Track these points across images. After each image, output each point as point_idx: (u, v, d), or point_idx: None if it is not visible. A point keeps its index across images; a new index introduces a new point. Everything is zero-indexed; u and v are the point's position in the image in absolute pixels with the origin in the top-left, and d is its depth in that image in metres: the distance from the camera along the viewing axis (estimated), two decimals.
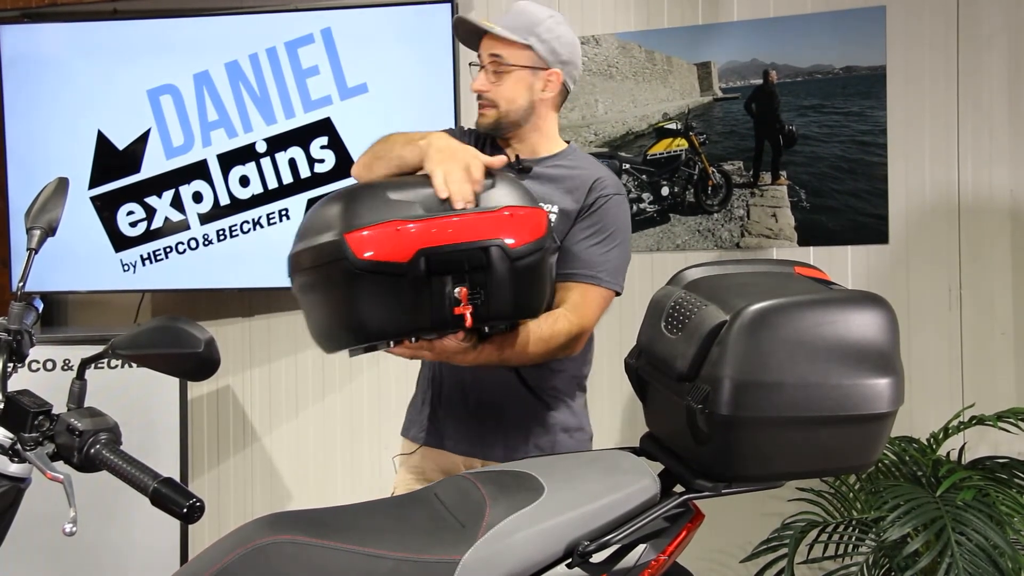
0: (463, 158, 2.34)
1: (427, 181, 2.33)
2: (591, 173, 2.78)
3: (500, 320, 2.38)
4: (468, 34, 2.82)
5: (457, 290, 2.25)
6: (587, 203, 2.73)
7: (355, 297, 2.22)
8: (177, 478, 2.07)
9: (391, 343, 2.31)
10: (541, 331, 2.55)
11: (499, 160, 2.41)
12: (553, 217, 2.68)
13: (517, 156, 2.77)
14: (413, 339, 2.31)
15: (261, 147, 4.82)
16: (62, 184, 2.27)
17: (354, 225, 2.20)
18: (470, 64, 2.85)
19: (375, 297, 2.22)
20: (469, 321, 2.25)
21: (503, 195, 2.36)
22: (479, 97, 2.79)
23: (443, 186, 2.28)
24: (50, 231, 2.18)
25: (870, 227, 4.14)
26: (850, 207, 4.17)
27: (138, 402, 4.13)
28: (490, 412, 2.82)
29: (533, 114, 2.80)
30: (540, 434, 2.81)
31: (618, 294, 2.78)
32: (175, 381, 4.24)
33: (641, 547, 2.13)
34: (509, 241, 2.28)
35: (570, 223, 2.72)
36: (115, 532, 3.96)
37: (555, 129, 2.87)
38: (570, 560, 2.06)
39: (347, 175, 4.71)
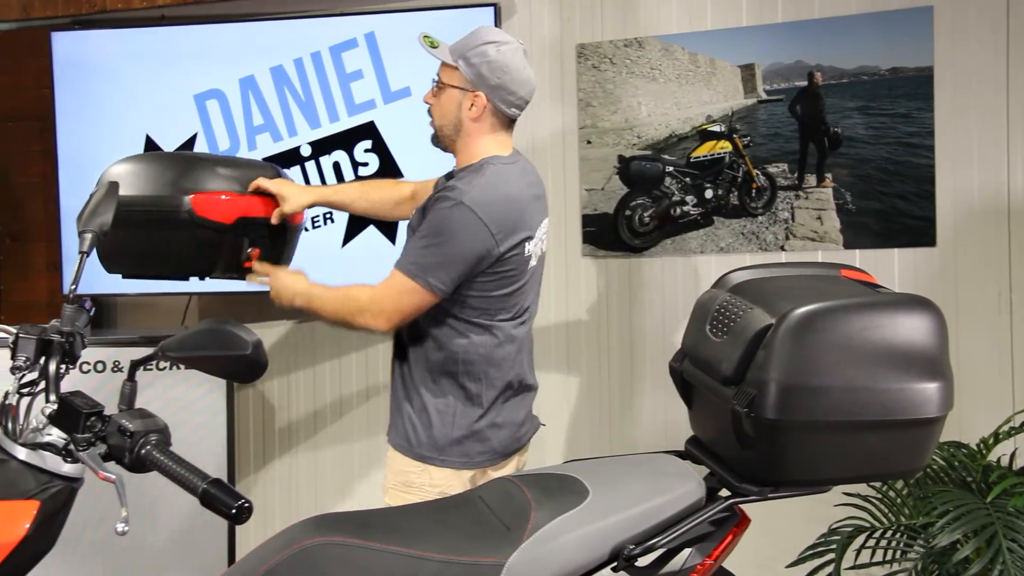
0: None
1: (246, 163, 3.26)
2: (449, 189, 2.91)
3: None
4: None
5: (251, 249, 3.18)
6: (426, 203, 2.94)
7: (182, 240, 3.06)
8: (224, 479, 2.09)
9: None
10: (339, 288, 2.95)
11: None
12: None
13: (449, 172, 3.12)
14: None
15: (306, 151, 4.84)
16: (112, 188, 2.30)
17: (195, 188, 3.05)
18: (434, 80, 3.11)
19: (198, 244, 3.09)
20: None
21: None
22: (429, 113, 3.09)
23: None
24: (101, 234, 2.21)
25: (917, 229, 4.11)
26: (897, 209, 4.14)
27: (186, 403, 4.16)
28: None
29: (461, 131, 3.03)
30: (395, 420, 3.07)
31: (436, 293, 2.86)
32: (222, 383, 4.27)
33: (687, 551, 2.12)
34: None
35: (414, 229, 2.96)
36: (163, 532, 4.00)
37: (481, 148, 3.03)
38: (615, 564, 2.06)
39: (391, 177, 4.74)
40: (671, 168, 4.50)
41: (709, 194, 4.44)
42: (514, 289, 2.96)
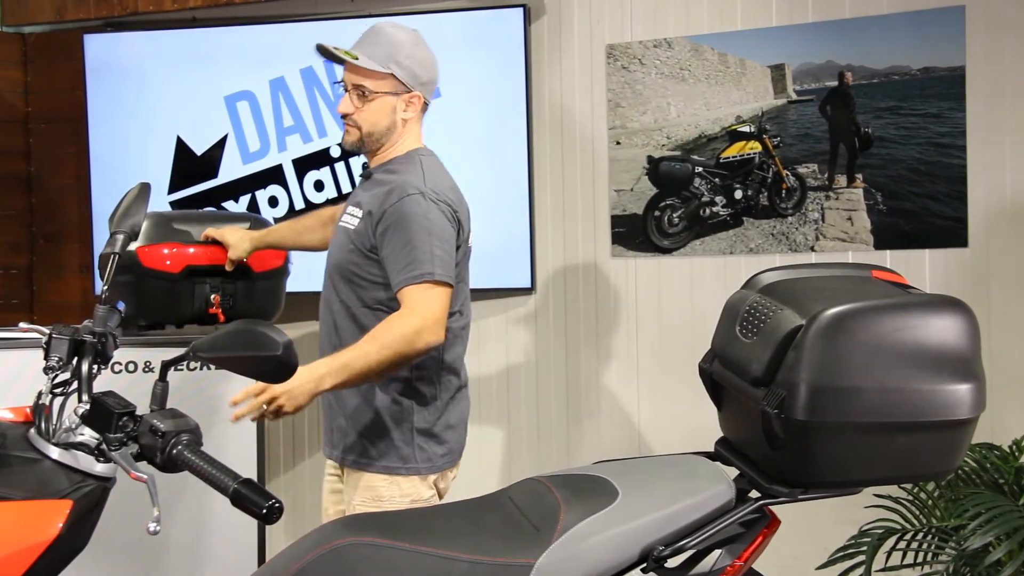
0: None
1: (216, 217, 3.73)
2: (401, 180, 2.90)
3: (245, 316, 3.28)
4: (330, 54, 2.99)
5: (213, 296, 3.62)
6: (386, 212, 2.85)
7: (140, 290, 3.58)
8: (254, 479, 2.10)
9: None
10: (370, 337, 2.72)
11: None
12: (357, 220, 2.93)
13: (365, 164, 3.10)
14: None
15: (335, 152, 4.86)
16: (144, 189, 2.31)
17: (142, 242, 3.50)
18: (334, 83, 3.11)
19: (153, 293, 3.60)
20: (221, 317, 3.68)
21: None
22: (344, 118, 2.99)
23: None
24: (133, 235, 2.22)
25: (948, 230, 4.08)
26: (928, 210, 4.12)
27: (216, 403, 4.18)
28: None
29: (394, 132, 3.01)
30: (344, 435, 3.03)
31: (451, 285, 2.85)
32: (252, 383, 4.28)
33: (716, 552, 2.12)
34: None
35: (369, 227, 2.87)
36: (194, 532, 4.01)
37: (408, 143, 3.05)
38: (645, 565, 2.06)
39: None
40: (700, 169, 4.49)
41: (739, 195, 4.43)
42: (460, 282, 2.97)
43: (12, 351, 3.67)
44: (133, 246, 2.77)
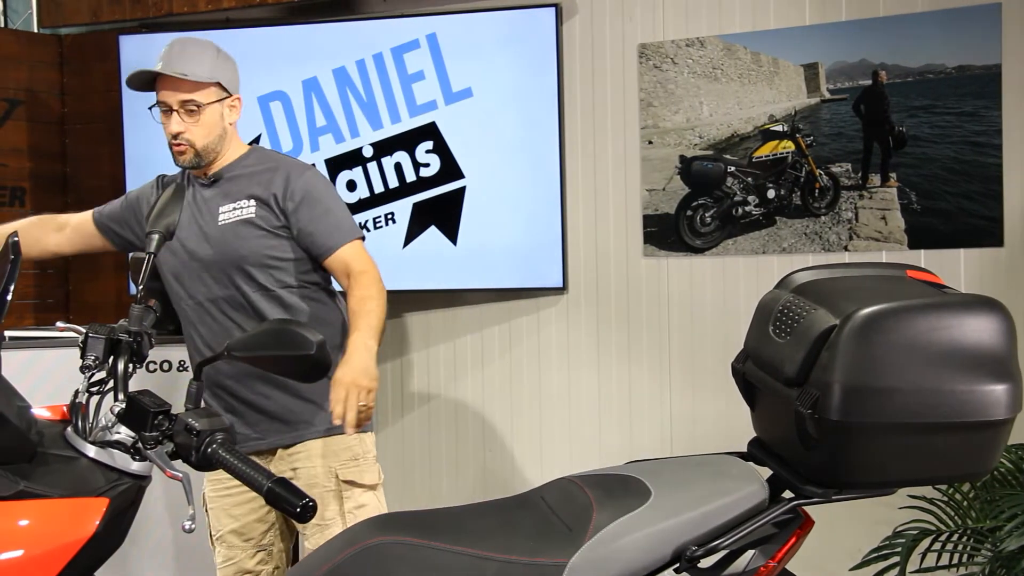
0: None
1: None
2: (278, 164, 3.06)
3: None
4: (144, 83, 3.05)
5: None
6: (289, 190, 2.97)
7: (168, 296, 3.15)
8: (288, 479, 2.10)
9: None
10: (362, 301, 2.85)
11: None
12: (249, 208, 2.98)
13: (205, 174, 3.07)
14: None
15: (368, 152, 4.88)
16: (179, 190, 2.32)
17: None
18: (151, 107, 3.07)
19: None
20: None
21: None
22: (175, 138, 2.99)
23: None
24: (168, 235, 2.23)
25: (984, 229, 4.05)
26: (963, 209, 4.09)
27: None
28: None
29: (225, 137, 3.06)
30: (296, 409, 3.04)
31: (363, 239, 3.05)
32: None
33: (750, 553, 2.11)
34: None
35: (272, 209, 2.97)
36: None
37: (238, 141, 3.15)
38: (678, 565, 2.05)
39: (451, 178, 4.76)
40: (733, 168, 4.48)
41: (771, 194, 4.41)
42: None
43: (49, 350, 3.71)
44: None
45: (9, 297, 1.70)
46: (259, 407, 2.99)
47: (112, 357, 2.04)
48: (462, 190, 4.78)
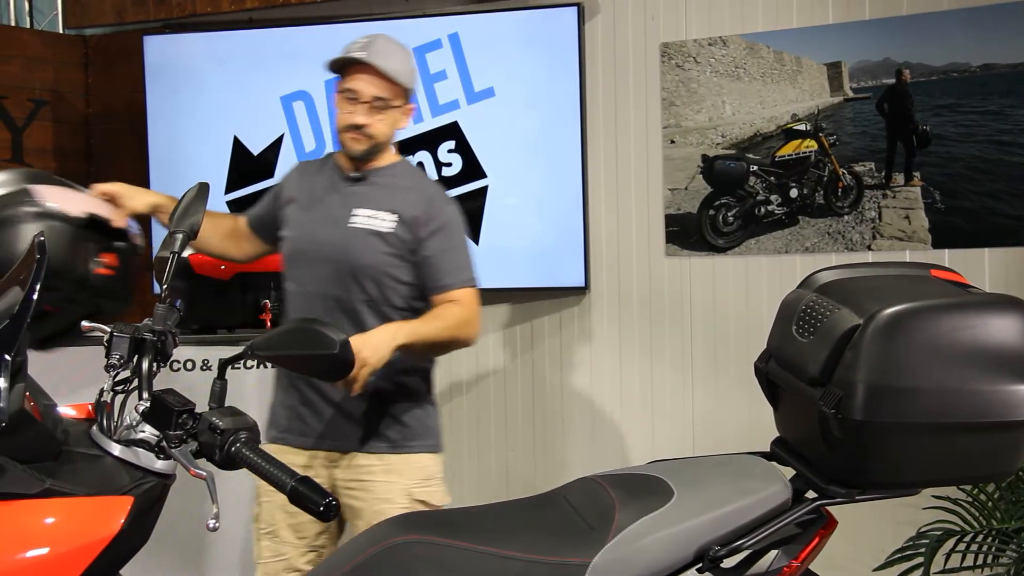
0: None
1: None
2: (429, 185, 3.10)
3: None
4: (345, 65, 3.01)
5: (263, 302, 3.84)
6: (429, 215, 2.97)
7: (192, 297, 3.66)
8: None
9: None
10: (432, 313, 2.93)
11: None
12: (389, 223, 2.95)
13: (353, 170, 3.06)
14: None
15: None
16: (203, 189, 2.33)
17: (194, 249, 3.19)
18: (341, 91, 3.00)
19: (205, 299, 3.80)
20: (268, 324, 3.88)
21: None
22: (355, 128, 2.96)
23: None
24: (192, 234, 2.24)
25: (1009, 229, 4.03)
26: (987, 208, 4.06)
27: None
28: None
29: (391, 140, 3.06)
30: (384, 422, 3.02)
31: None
32: None
33: (773, 553, 2.11)
34: None
35: (409, 230, 2.95)
36: (249, 530, 4.05)
37: (392, 148, 3.14)
38: (700, 565, 2.05)
39: (473, 178, 4.76)
40: (756, 167, 4.47)
41: (794, 193, 4.40)
42: None
43: (74, 349, 3.72)
44: (185, 253, 2.65)
45: (35, 297, 1.71)
46: (344, 409, 2.96)
47: (137, 356, 2.05)
48: (484, 189, 4.78)
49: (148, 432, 1.93)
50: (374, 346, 2.66)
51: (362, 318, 2.94)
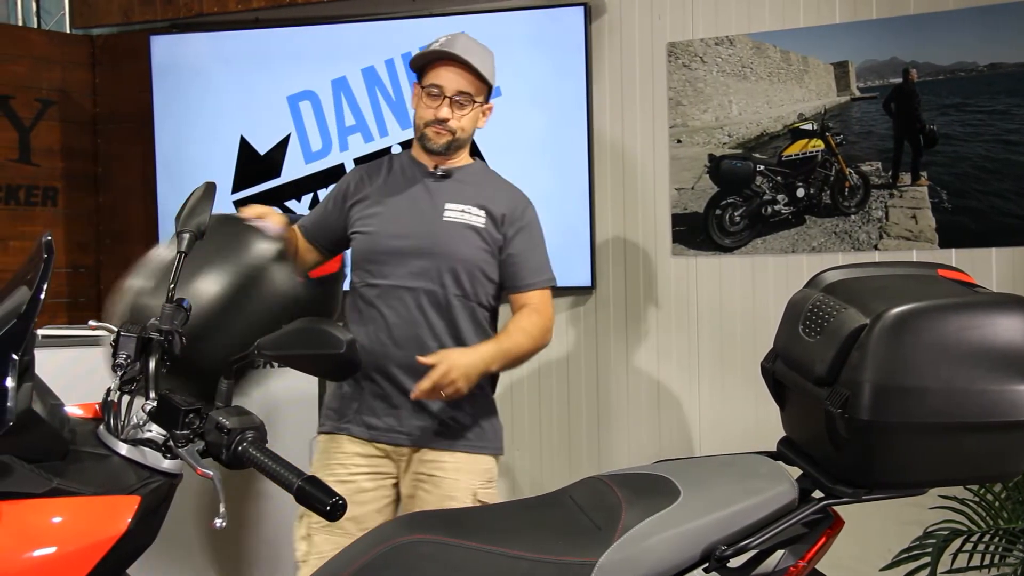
0: None
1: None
2: (507, 187, 3.16)
3: None
4: (429, 62, 3.03)
5: None
6: (515, 214, 3.06)
7: None
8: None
9: None
10: (512, 327, 2.99)
11: None
12: (480, 219, 3.02)
13: (436, 166, 3.09)
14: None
15: (396, 151, 4.89)
16: (210, 189, 2.33)
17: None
18: (426, 86, 3.01)
19: None
20: None
21: None
22: (439, 122, 3.00)
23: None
24: (199, 234, 2.24)
25: (1016, 228, 4.02)
26: (994, 208, 4.06)
27: (279, 401, 4.21)
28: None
29: (471, 138, 3.13)
30: (455, 422, 3.04)
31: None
32: (313, 380, 4.31)
33: (779, 553, 2.11)
34: None
35: (497, 226, 3.03)
36: (258, 528, 4.06)
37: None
38: (707, 564, 2.05)
39: None
40: (762, 167, 4.46)
41: (801, 193, 4.40)
42: None
43: (81, 348, 3.73)
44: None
45: (43, 296, 1.71)
46: (420, 404, 2.96)
47: (143, 356, 2.05)
48: None
49: (155, 432, 1.94)
50: (466, 372, 2.75)
51: (454, 313, 2.98)
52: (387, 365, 2.97)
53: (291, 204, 5.00)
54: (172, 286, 2.17)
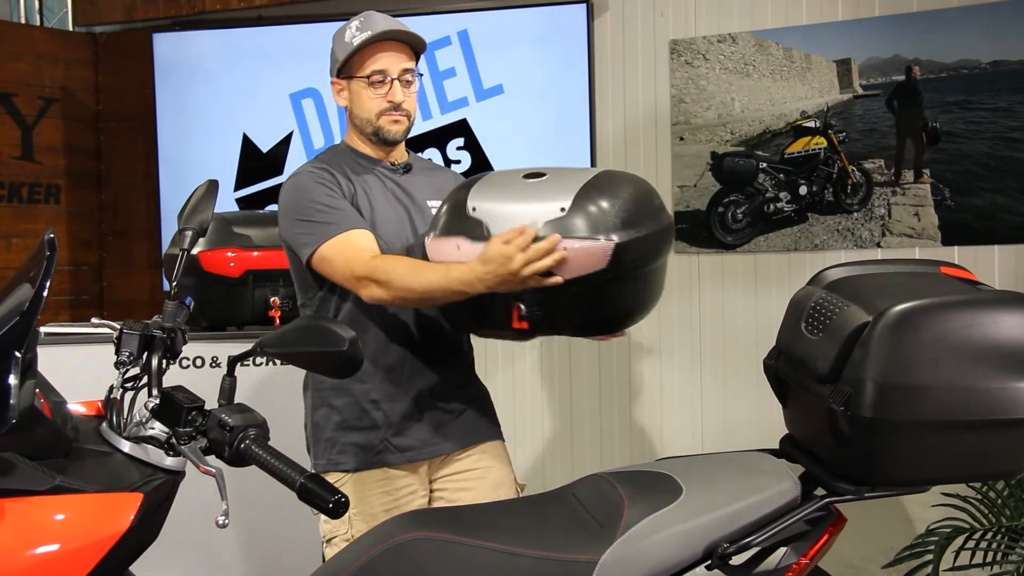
0: None
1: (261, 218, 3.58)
2: (448, 172, 3.09)
3: None
4: (356, 51, 2.80)
5: (272, 299, 3.80)
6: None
7: (205, 292, 3.73)
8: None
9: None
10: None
11: None
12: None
13: (394, 161, 2.88)
14: None
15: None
16: (212, 186, 2.33)
17: (204, 246, 3.66)
18: (367, 75, 2.78)
19: (215, 296, 3.79)
20: (277, 322, 3.84)
21: None
22: (394, 107, 2.78)
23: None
24: (201, 232, 2.24)
25: (1019, 226, 4.02)
26: (997, 205, 4.05)
27: (283, 398, 4.21)
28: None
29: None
30: (483, 412, 2.97)
31: None
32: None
33: (782, 550, 2.10)
34: None
35: None
36: (260, 526, 4.06)
37: None
38: (709, 562, 2.05)
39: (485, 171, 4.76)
40: (765, 164, 4.46)
41: (803, 190, 4.39)
42: None
43: (83, 346, 3.73)
44: (195, 250, 2.57)
45: (45, 294, 1.71)
46: (455, 408, 2.85)
47: (146, 353, 2.05)
48: None
49: (158, 429, 1.94)
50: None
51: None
52: (413, 380, 2.77)
53: None
54: (174, 284, 2.17)
